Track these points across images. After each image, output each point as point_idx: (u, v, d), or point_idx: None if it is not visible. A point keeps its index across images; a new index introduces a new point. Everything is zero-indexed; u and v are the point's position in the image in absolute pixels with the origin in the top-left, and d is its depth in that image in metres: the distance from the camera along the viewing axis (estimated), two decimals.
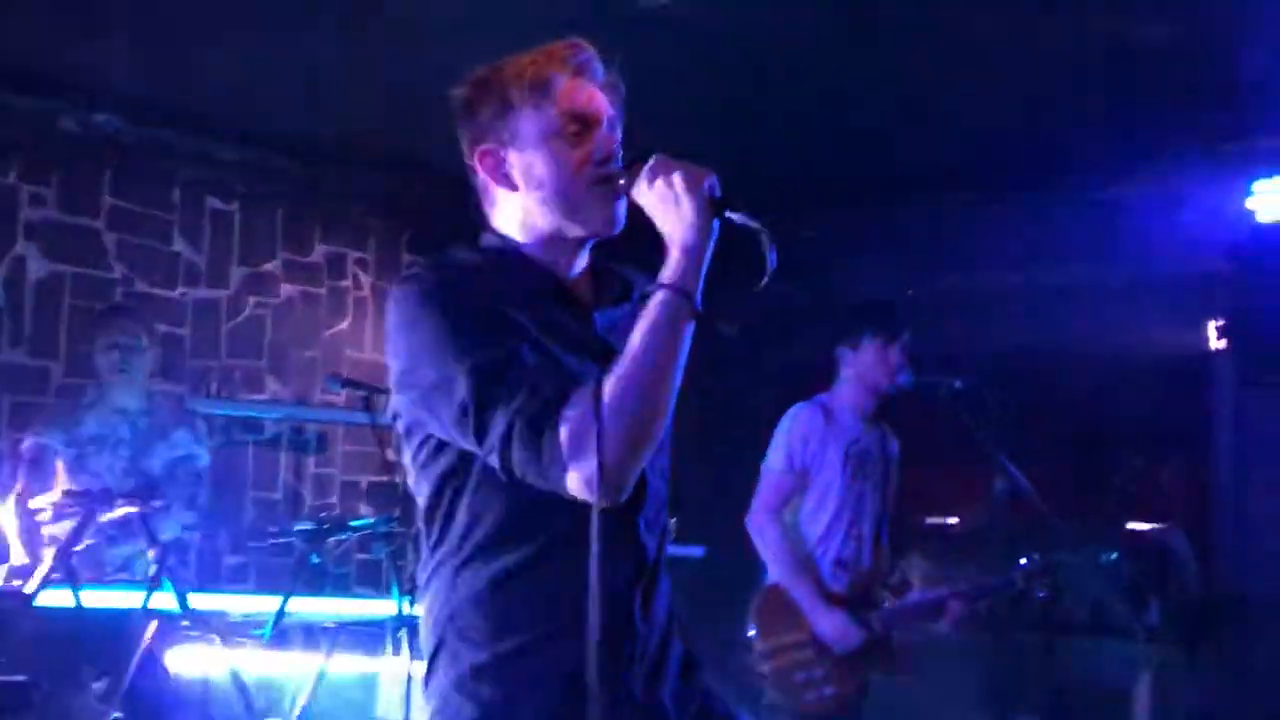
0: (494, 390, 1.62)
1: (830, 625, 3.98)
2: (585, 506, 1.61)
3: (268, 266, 5.97)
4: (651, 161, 1.73)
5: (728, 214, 1.69)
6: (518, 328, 1.69)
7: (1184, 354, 5.49)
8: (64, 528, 3.62)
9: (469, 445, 1.67)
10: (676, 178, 1.68)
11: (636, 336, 1.64)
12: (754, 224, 1.69)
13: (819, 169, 5.58)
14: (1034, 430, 4.19)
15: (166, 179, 5.63)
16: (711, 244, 1.69)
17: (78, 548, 3.56)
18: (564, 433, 1.59)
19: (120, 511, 3.58)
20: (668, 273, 1.67)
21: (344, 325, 6.22)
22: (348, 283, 6.25)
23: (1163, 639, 5.04)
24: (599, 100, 1.81)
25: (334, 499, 6.09)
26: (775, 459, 4.14)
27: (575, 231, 1.81)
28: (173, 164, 5.58)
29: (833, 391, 4.24)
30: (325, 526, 4.12)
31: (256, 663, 4.10)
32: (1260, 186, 4.67)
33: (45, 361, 5.28)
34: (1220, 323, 5.28)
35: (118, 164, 5.44)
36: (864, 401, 4.18)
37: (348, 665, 4.62)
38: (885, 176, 5.58)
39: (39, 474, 4.22)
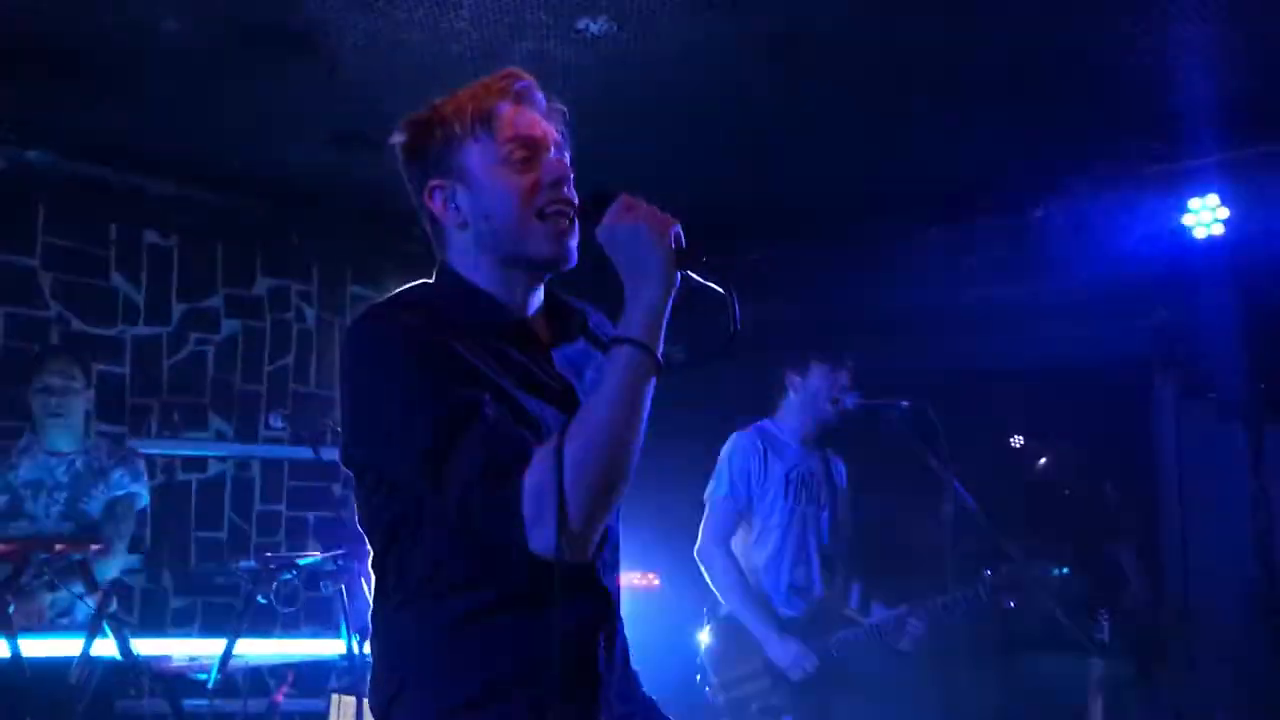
0: (455, 444, 1.58)
1: (784, 653, 3.99)
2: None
3: (209, 301, 5.89)
4: (617, 202, 1.69)
5: (690, 273, 1.67)
6: (478, 374, 1.66)
7: (1124, 370, 5.57)
8: None
9: (422, 489, 1.64)
10: (643, 226, 1.66)
11: (599, 396, 1.61)
12: (716, 286, 1.67)
13: (755, 198, 5.61)
14: (978, 450, 4.22)
15: (102, 215, 5.54)
16: (671, 298, 1.66)
17: (11, 595, 3.46)
18: (526, 494, 1.56)
19: (57, 554, 3.49)
20: (630, 326, 1.63)
21: (288, 359, 6.14)
22: (290, 316, 6.18)
23: (1114, 654, 5.08)
24: (542, 126, 1.80)
25: (280, 536, 5.99)
26: (718, 487, 4.17)
27: (528, 262, 1.78)
28: (108, 200, 5.49)
29: (775, 416, 4.27)
30: (271, 566, 4.03)
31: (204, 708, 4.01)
32: (1194, 203, 4.75)
33: None
34: (1159, 337, 5.37)
35: (51, 201, 5.35)
36: (806, 425, 4.22)
37: (297, 705, 4.55)
38: (819, 204, 5.62)
39: None
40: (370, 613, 1.81)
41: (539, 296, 1.85)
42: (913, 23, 3.92)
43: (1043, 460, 6.04)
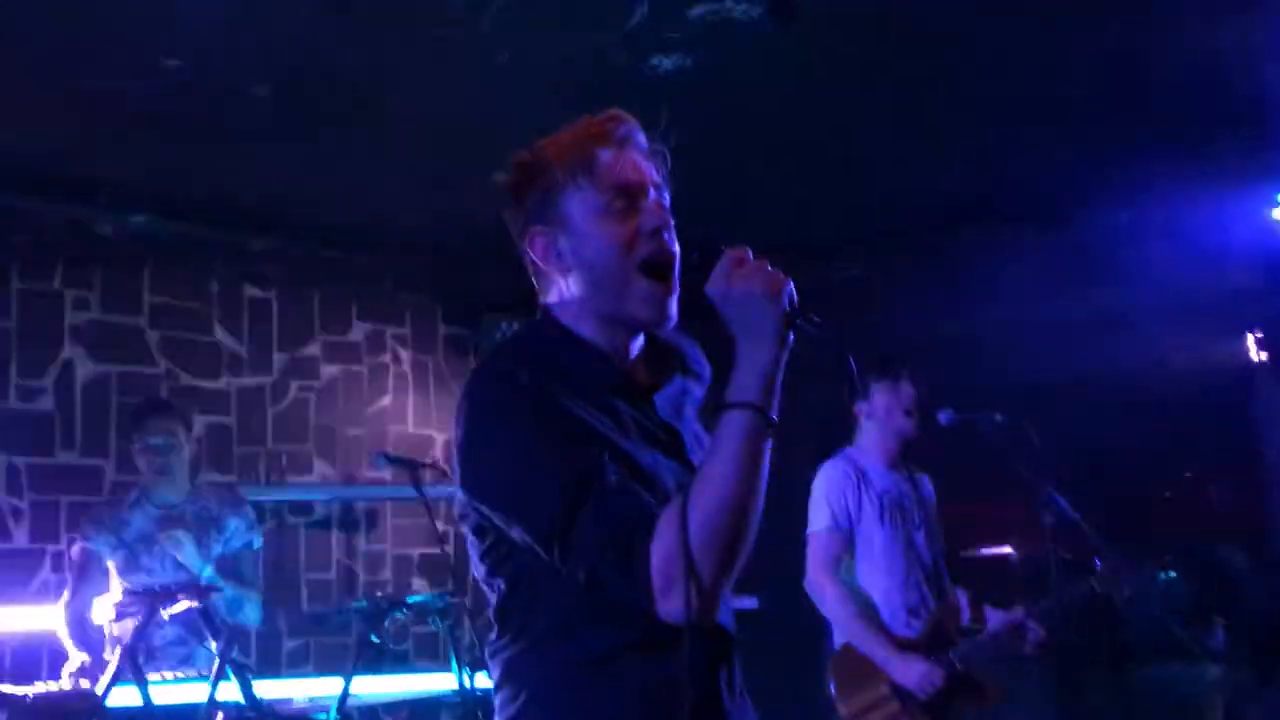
0: (578, 513, 1.58)
1: (909, 673, 3.94)
2: None
3: (308, 349, 6.07)
4: (726, 258, 1.68)
5: (804, 325, 1.65)
6: (596, 433, 1.66)
7: (1225, 369, 5.46)
8: (126, 626, 3.66)
9: (548, 558, 1.63)
10: (757, 288, 1.63)
11: (718, 462, 1.59)
12: (831, 336, 1.65)
13: (843, 217, 5.62)
14: (1080, 459, 4.17)
15: (203, 272, 5.75)
16: (785, 358, 1.64)
17: (142, 644, 3.60)
18: (654, 566, 1.56)
19: (181, 606, 3.62)
20: (744, 389, 1.61)
21: (386, 401, 6.30)
22: (387, 358, 6.34)
23: (1231, 660, 4.96)
24: (642, 170, 1.78)
25: (387, 574, 6.13)
26: (818, 519, 4.13)
27: (627, 320, 1.78)
28: (208, 257, 5.70)
29: (857, 444, 4.26)
30: (382, 605, 4.13)
31: None
32: None
33: (97, 461, 5.38)
34: (1259, 335, 5.25)
35: (155, 262, 5.57)
36: (889, 448, 4.19)
37: None
38: (907, 220, 5.61)
39: (87, 577, 4.24)
40: (490, 654, 1.82)
41: (639, 341, 1.84)
42: (988, 40, 3.93)
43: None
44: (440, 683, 4.55)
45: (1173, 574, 4.21)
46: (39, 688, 3.59)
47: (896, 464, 4.24)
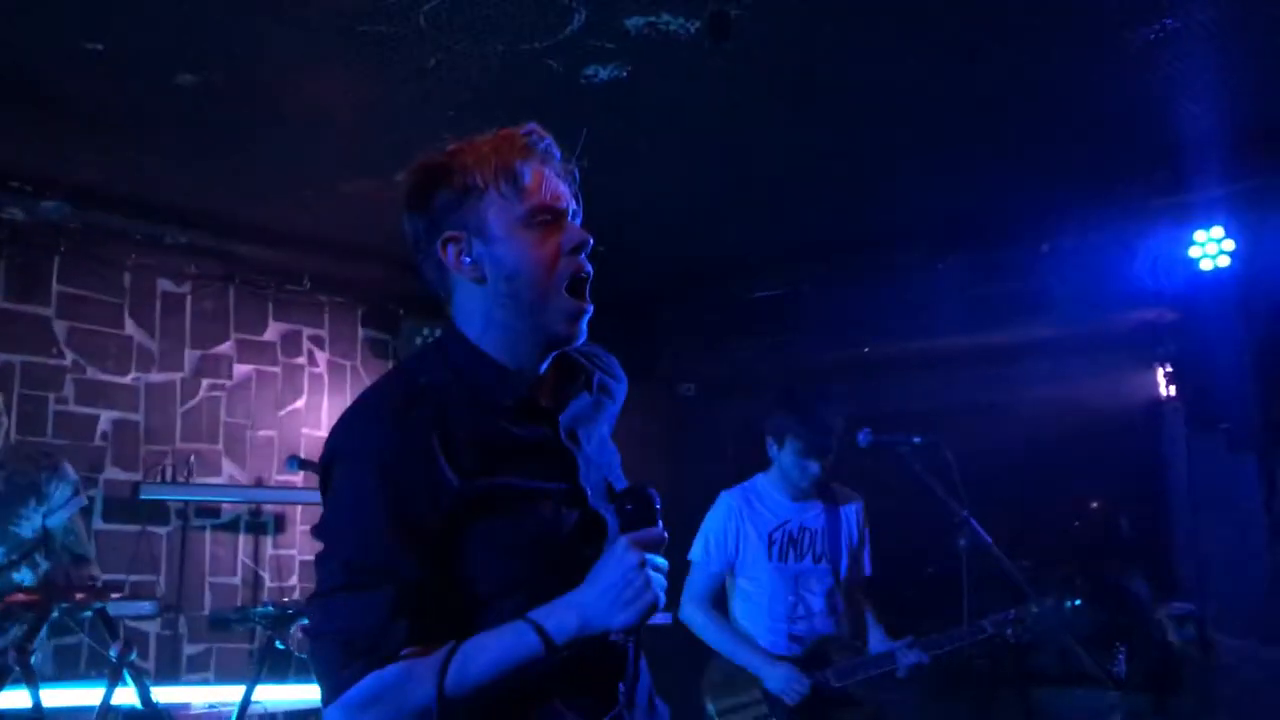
0: (347, 595, 1.62)
1: (775, 676, 4.02)
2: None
3: (221, 347, 5.93)
4: (643, 535, 1.68)
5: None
6: (445, 488, 1.65)
7: (1136, 402, 5.58)
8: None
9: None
10: (639, 579, 1.65)
11: (482, 658, 1.62)
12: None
13: (773, 235, 5.66)
14: (990, 484, 4.22)
15: (116, 264, 5.59)
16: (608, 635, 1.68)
17: (33, 646, 3.47)
18: (363, 685, 1.60)
19: (78, 604, 3.49)
20: (556, 621, 1.64)
21: (300, 404, 6.18)
22: (303, 360, 6.22)
23: (1131, 687, 5.06)
24: (562, 194, 1.79)
25: (294, 580, 6.00)
26: (696, 550, 4.25)
27: (542, 335, 1.77)
28: (121, 248, 5.54)
29: (768, 472, 4.28)
30: (289, 611, 4.04)
31: None
32: (1200, 236, 4.78)
33: None
34: (1168, 369, 5.38)
35: (65, 250, 5.40)
36: (793, 485, 4.21)
37: None
38: (835, 240, 5.67)
39: None
40: None
41: (549, 357, 1.82)
42: (918, 65, 3.97)
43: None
44: None
45: (1078, 601, 4.28)
46: None
47: (803, 495, 4.23)
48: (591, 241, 1.79)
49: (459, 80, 4.00)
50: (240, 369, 5.98)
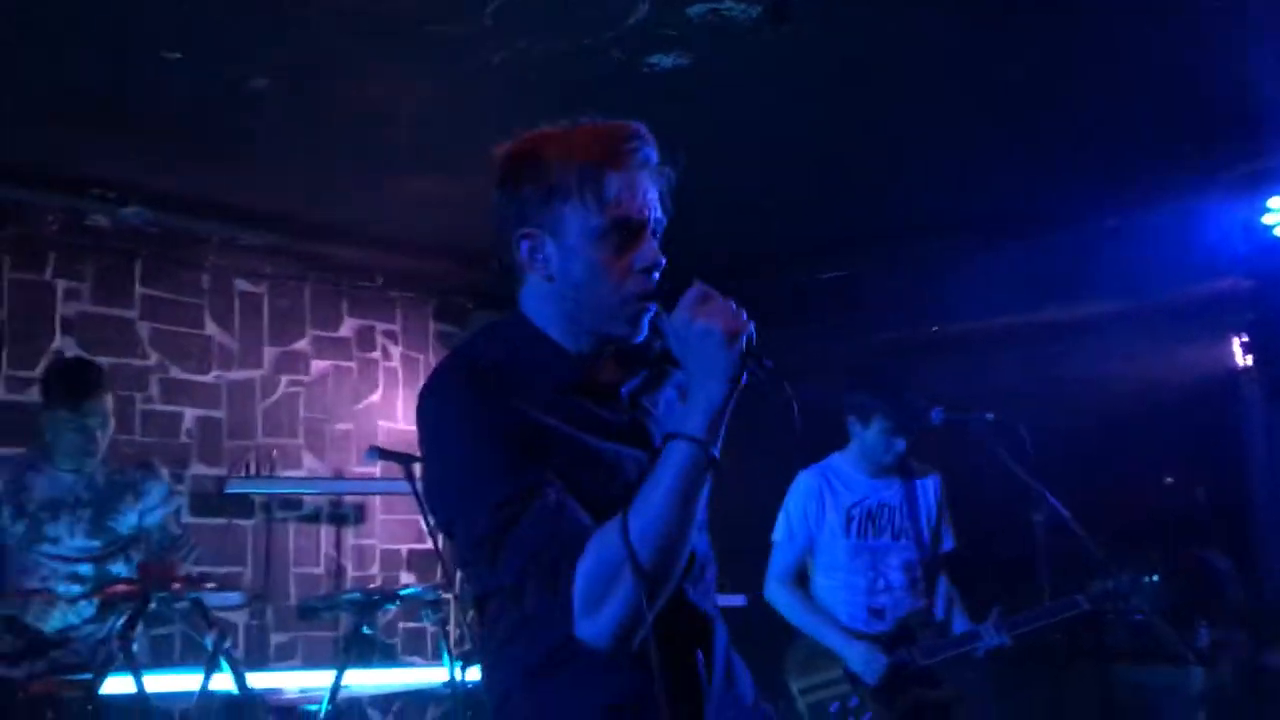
0: (512, 530, 1.61)
1: (855, 655, 4.07)
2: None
3: (298, 344, 6.07)
4: (692, 292, 1.68)
5: (758, 370, 1.66)
6: (545, 438, 1.67)
7: (1211, 373, 5.51)
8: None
9: (488, 574, 1.68)
10: (718, 328, 1.63)
11: (652, 492, 1.62)
12: (785, 389, 1.66)
13: (834, 220, 5.66)
14: (1063, 462, 4.21)
15: (195, 265, 5.74)
16: (735, 395, 1.66)
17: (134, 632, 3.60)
18: (578, 585, 1.59)
19: (175, 592, 3.62)
20: (690, 422, 1.64)
21: (375, 397, 6.30)
22: (377, 355, 6.34)
23: (1213, 662, 5.01)
24: (647, 204, 1.75)
25: (375, 569, 6.13)
26: (778, 531, 4.31)
27: (602, 333, 1.78)
28: (200, 251, 5.69)
29: (845, 451, 4.32)
30: (374, 598, 4.15)
31: None
32: (1274, 202, 4.71)
33: None
34: (1244, 339, 5.31)
35: (146, 254, 5.56)
36: (874, 461, 4.25)
37: None
38: (895, 224, 5.65)
39: None
40: (479, 646, 1.88)
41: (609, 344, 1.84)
42: (978, 44, 3.96)
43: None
44: (430, 676, 4.57)
45: (1156, 577, 4.26)
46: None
47: (880, 472, 4.28)
48: (664, 262, 1.76)
49: (524, 75, 4.06)
50: (317, 365, 6.12)
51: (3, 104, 4.30)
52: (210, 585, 3.81)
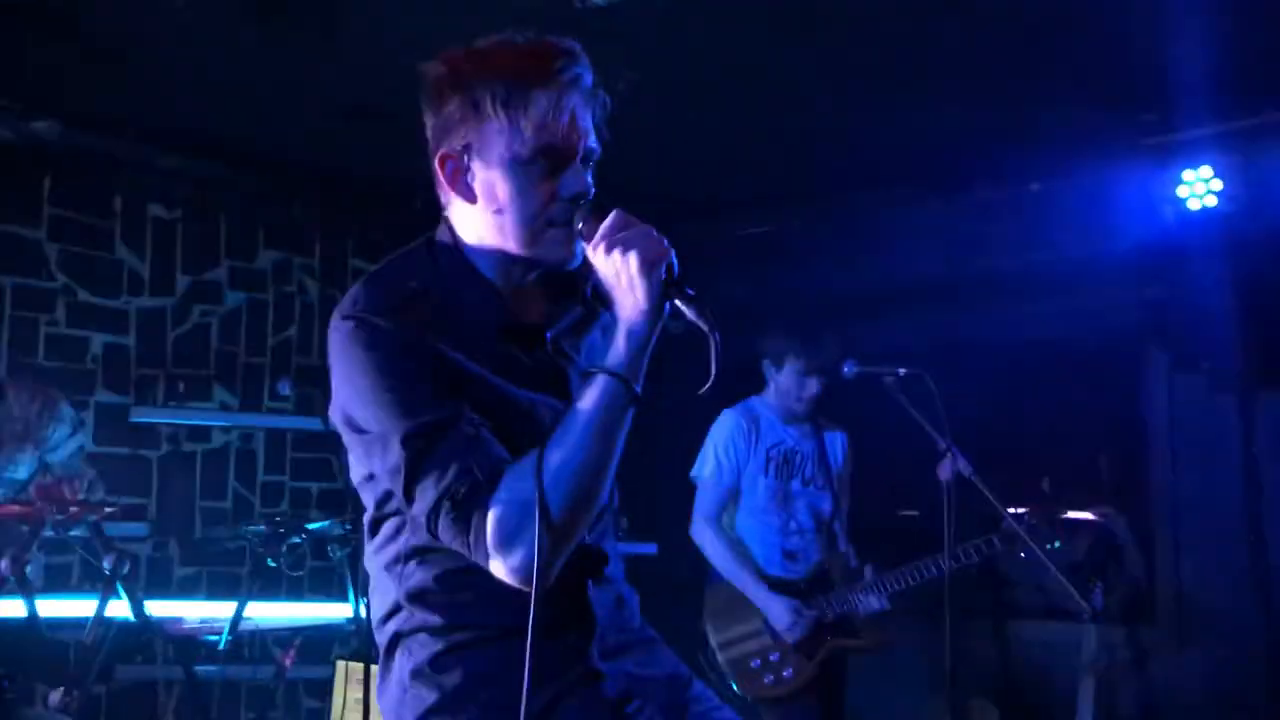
0: (426, 461, 1.59)
1: (775, 610, 4.11)
2: None
3: (212, 274, 5.94)
4: (610, 220, 1.63)
5: (679, 304, 1.61)
6: (462, 376, 1.64)
7: (1118, 343, 5.63)
8: None
9: (398, 502, 1.66)
10: (633, 257, 1.59)
11: (574, 425, 1.59)
12: (704, 323, 1.61)
13: (759, 172, 5.66)
14: (970, 422, 4.29)
15: (108, 187, 5.58)
16: (659, 327, 1.63)
17: (29, 556, 3.52)
18: (491, 519, 1.57)
19: (72, 515, 3.54)
20: (613, 354, 1.61)
21: (291, 332, 6.20)
22: (293, 289, 6.23)
23: (1108, 621, 5.17)
24: (578, 130, 1.69)
25: (284, 507, 6.05)
26: (705, 468, 4.30)
27: (531, 263, 1.74)
28: (113, 172, 5.53)
29: (762, 395, 4.36)
30: (281, 530, 4.10)
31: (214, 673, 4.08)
32: (1188, 175, 4.81)
33: None
34: (1152, 310, 5.42)
35: (57, 172, 5.39)
36: (789, 407, 4.30)
37: (305, 673, 4.61)
38: (820, 180, 5.67)
39: None
40: (365, 559, 1.86)
41: (534, 272, 1.79)
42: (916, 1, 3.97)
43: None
44: (336, 611, 4.53)
45: (1058, 544, 4.38)
46: None
47: (797, 420, 4.34)
48: (593, 193, 1.71)
49: (454, 4, 3.98)
50: (232, 295, 5.99)
51: None
52: (110, 510, 3.73)
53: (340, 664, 4.20)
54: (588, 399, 1.60)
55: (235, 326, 5.99)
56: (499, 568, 1.58)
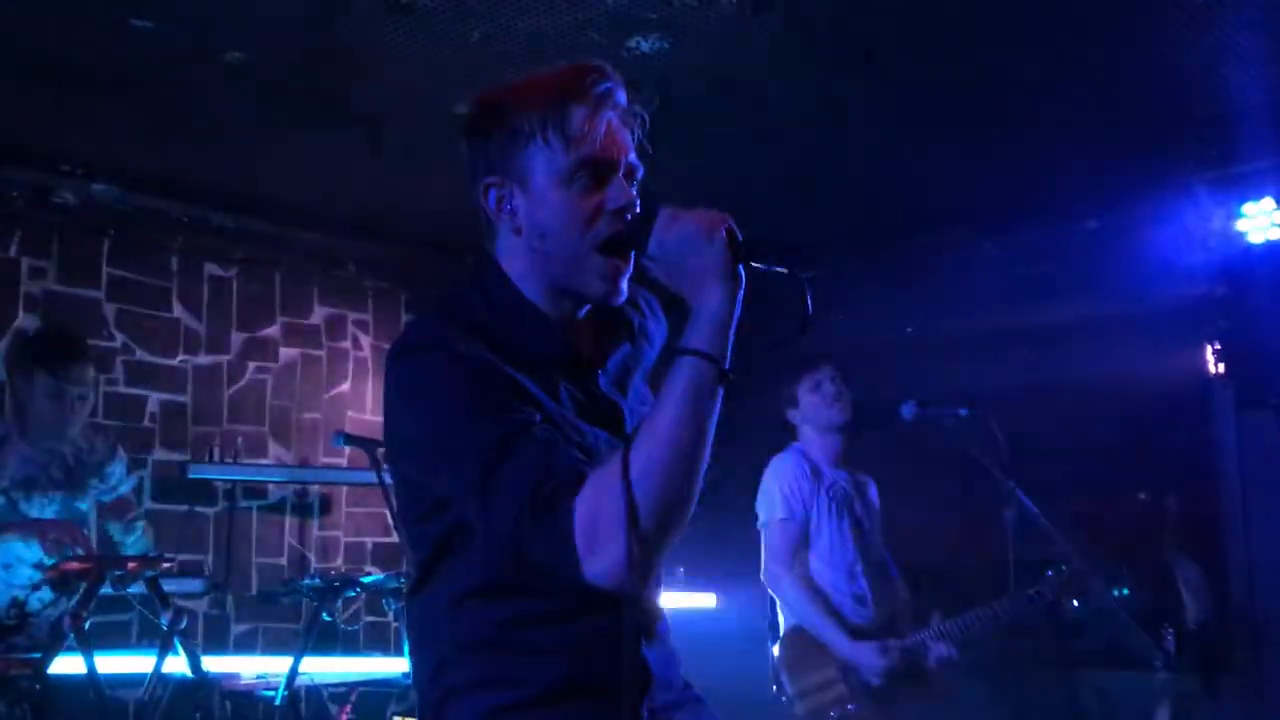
0: (503, 470, 1.51)
1: (864, 656, 4.00)
2: None
3: (267, 331, 5.99)
4: (662, 215, 1.60)
5: (754, 264, 1.56)
6: (529, 395, 1.60)
7: (1183, 381, 5.50)
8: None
9: (473, 515, 1.58)
10: (690, 231, 1.56)
11: (662, 411, 1.51)
12: (782, 269, 1.56)
13: (813, 215, 5.63)
14: (1036, 467, 4.19)
15: (164, 247, 5.66)
16: (739, 298, 1.56)
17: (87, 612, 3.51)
18: (578, 522, 1.48)
19: (130, 572, 3.55)
20: (693, 336, 1.53)
21: (345, 387, 6.22)
22: (347, 344, 6.27)
23: (1180, 668, 5.00)
24: (617, 144, 1.67)
25: (339, 561, 6.05)
26: (773, 510, 4.17)
27: (576, 294, 1.71)
28: (170, 232, 5.60)
29: (802, 442, 4.30)
30: (336, 583, 4.08)
31: None
32: (1249, 209, 4.72)
33: None
34: (1217, 346, 5.30)
35: (115, 233, 5.47)
36: (829, 445, 4.23)
37: None
38: (875, 221, 5.63)
39: None
40: (406, 608, 1.79)
41: (587, 306, 1.76)
42: (963, 35, 3.94)
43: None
44: (391, 666, 4.50)
45: (1126, 590, 4.26)
46: None
47: (840, 463, 4.27)
48: (640, 205, 1.67)
49: (503, 54, 4.01)
50: (286, 352, 6.03)
51: None
52: (168, 566, 3.73)
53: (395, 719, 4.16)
54: (673, 383, 1.52)
55: (289, 382, 6.02)
56: (592, 570, 1.48)
